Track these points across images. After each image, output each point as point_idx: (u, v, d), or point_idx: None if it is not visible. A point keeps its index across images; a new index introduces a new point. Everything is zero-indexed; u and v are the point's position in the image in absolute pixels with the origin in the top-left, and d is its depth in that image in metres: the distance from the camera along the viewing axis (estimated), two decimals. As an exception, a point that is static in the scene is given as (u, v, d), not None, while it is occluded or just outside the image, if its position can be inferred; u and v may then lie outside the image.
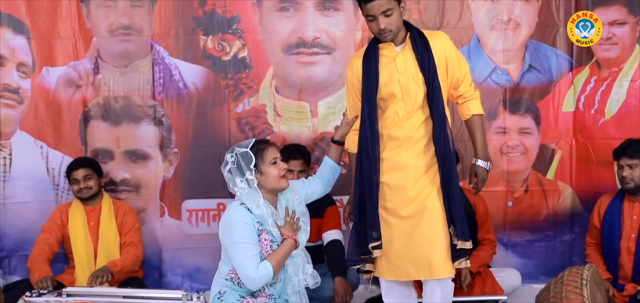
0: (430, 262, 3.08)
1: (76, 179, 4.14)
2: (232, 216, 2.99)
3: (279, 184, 3.05)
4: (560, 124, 4.57)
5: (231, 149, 3.06)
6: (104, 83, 4.47)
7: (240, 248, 2.94)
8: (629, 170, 3.82)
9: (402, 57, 3.16)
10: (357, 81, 3.26)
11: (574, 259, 4.55)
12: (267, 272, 2.93)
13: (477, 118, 3.24)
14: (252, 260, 2.92)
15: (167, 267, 4.55)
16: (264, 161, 3.02)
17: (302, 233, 3.11)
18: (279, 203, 3.12)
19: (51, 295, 3.75)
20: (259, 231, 2.99)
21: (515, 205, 4.60)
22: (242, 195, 3.00)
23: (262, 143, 3.09)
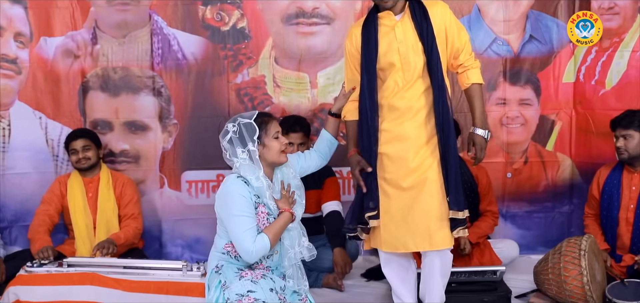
0: (430, 233, 3.10)
1: (75, 150, 4.15)
2: (229, 188, 2.99)
3: (280, 158, 3.06)
4: (560, 95, 4.57)
5: (233, 119, 3.04)
6: (102, 54, 4.46)
7: (237, 221, 2.94)
8: (623, 141, 3.83)
9: (401, 26, 3.15)
10: (356, 52, 3.25)
11: (572, 230, 4.58)
12: (264, 245, 2.94)
13: (476, 86, 3.22)
14: (250, 233, 2.93)
15: (167, 238, 4.57)
16: (268, 134, 3.03)
17: (297, 207, 3.12)
18: (275, 176, 3.12)
19: (52, 265, 3.78)
20: (255, 204, 2.99)
21: (515, 176, 4.62)
22: (242, 167, 2.99)
23: (265, 116, 3.08)
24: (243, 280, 2.95)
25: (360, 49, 3.21)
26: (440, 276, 3.22)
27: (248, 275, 2.99)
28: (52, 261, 3.83)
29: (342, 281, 4.07)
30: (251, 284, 2.94)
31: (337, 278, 4.06)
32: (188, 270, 3.76)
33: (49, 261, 3.82)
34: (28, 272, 3.74)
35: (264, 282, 2.97)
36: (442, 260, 3.20)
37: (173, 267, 3.80)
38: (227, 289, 2.93)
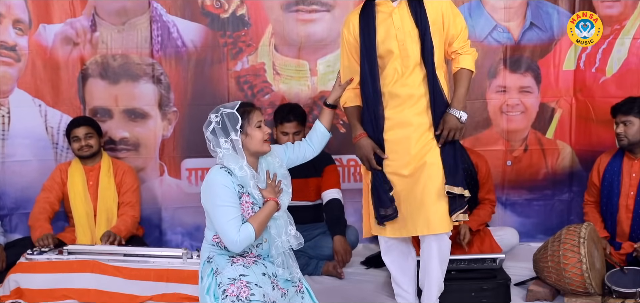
0: (428, 217, 3.11)
1: (77, 137, 4.15)
2: (212, 179, 2.99)
3: (262, 147, 3.04)
4: (560, 83, 4.56)
5: (216, 109, 3.03)
6: (102, 41, 4.45)
7: (221, 211, 2.94)
8: (623, 127, 3.83)
9: (399, 13, 3.15)
10: (353, 40, 3.24)
11: (572, 218, 4.60)
12: (249, 234, 2.94)
13: (464, 71, 3.18)
14: (234, 223, 2.93)
15: (166, 226, 4.59)
16: (250, 123, 3.01)
17: (284, 196, 3.10)
18: (260, 166, 3.11)
19: (52, 252, 3.80)
20: (240, 194, 2.98)
21: (514, 164, 4.63)
22: (225, 157, 2.99)
23: (247, 106, 3.06)
24: (235, 265, 2.97)
25: (358, 37, 3.21)
26: (438, 262, 3.21)
27: (239, 261, 3.01)
28: (53, 248, 3.85)
29: (341, 269, 4.09)
30: (243, 268, 2.95)
31: (336, 265, 4.07)
32: (188, 258, 3.78)
33: (49, 248, 3.83)
34: (28, 259, 3.75)
35: (256, 267, 2.99)
36: (440, 245, 3.19)
37: (173, 255, 3.82)
38: (219, 274, 2.95)
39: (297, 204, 4.01)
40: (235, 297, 2.83)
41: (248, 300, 2.83)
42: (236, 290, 2.85)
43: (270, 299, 2.91)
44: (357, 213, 4.33)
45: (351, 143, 3.35)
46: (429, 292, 3.26)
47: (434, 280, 3.24)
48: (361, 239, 4.38)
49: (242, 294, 2.84)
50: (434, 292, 3.26)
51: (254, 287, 2.87)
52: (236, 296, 2.83)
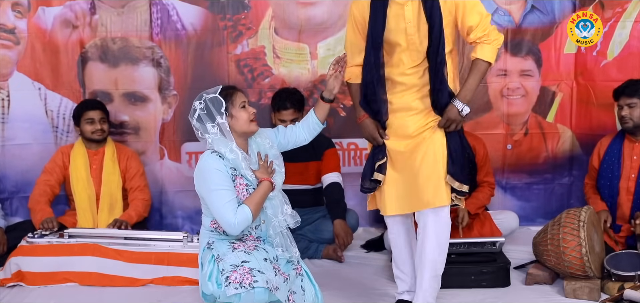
0: (422, 191, 3.08)
1: (92, 119, 4.14)
2: (204, 165, 2.99)
3: (249, 127, 3.03)
4: (561, 66, 4.56)
5: (198, 96, 3.02)
6: (101, 24, 4.44)
7: (216, 195, 2.95)
8: (628, 110, 3.83)
9: (411, 7, 3.09)
10: (361, 19, 3.18)
11: (572, 201, 4.61)
12: (246, 216, 2.95)
13: (480, 62, 3.11)
14: (230, 206, 2.94)
15: (167, 209, 4.60)
16: (234, 105, 3.00)
17: (277, 176, 3.10)
18: (250, 148, 3.11)
19: (53, 236, 3.82)
20: (233, 176, 2.98)
21: (515, 148, 4.63)
22: (214, 142, 2.98)
23: (229, 89, 3.06)
24: (236, 252, 2.97)
25: (367, 20, 3.15)
26: (434, 242, 3.11)
27: (240, 247, 3.01)
28: (54, 232, 3.86)
29: (342, 252, 4.10)
30: (245, 255, 2.95)
31: (337, 249, 4.09)
32: (188, 241, 3.80)
33: (51, 231, 3.85)
34: (29, 242, 3.77)
35: (258, 253, 2.99)
36: (437, 223, 3.10)
37: (174, 238, 3.84)
38: (221, 261, 2.95)
39: (297, 188, 4.02)
40: (238, 284, 2.83)
41: (251, 286, 2.84)
42: (239, 276, 2.85)
43: (273, 285, 2.91)
44: (357, 197, 4.34)
45: (351, 126, 3.35)
46: (420, 278, 3.16)
47: (427, 262, 3.13)
48: (361, 222, 4.40)
49: (245, 281, 2.84)
50: (426, 276, 3.15)
51: (257, 273, 2.87)
52: (239, 283, 2.83)
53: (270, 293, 2.90)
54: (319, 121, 3.26)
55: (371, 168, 3.21)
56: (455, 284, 3.52)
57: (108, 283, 3.66)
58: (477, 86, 3.13)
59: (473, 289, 3.54)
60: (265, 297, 2.90)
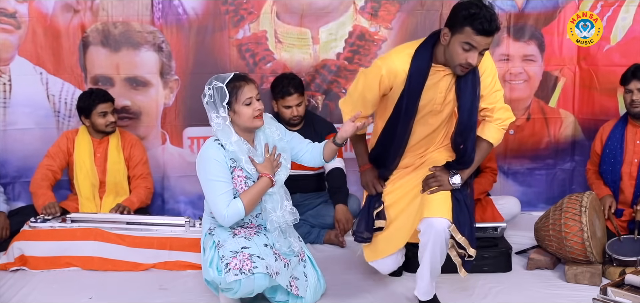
0: (423, 204, 3.04)
1: (105, 113, 4.14)
2: (204, 153, 3.00)
3: (253, 123, 3.01)
4: (564, 52, 4.55)
5: (209, 81, 3.02)
6: (102, 8, 4.43)
7: (211, 185, 2.96)
8: (638, 94, 3.82)
9: (446, 80, 3.01)
10: (388, 83, 3.01)
11: (573, 187, 4.62)
12: (238, 210, 2.95)
13: (485, 144, 3.05)
14: (223, 197, 2.95)
15: (169, 194, 4.61)
16: (238, 101, 2.97)
17: (281, 170, 3.09)
18: (258, 138, 3.10)
19: (56, 220, 3.83)
20: (231, 168, 2.99)
21: (517, 133, 4.63)
22: (217, 130, 2.99)
23: (239, 80, 3.00)
24: (237, 238, 2.99)
25: (397, 87, 2.99)
26: (436, 246, 2.99)
27: (241, 232, 3.02)
28: (57, 216, 3.88)
29: (343, 237, 4.12)
30: (245, 241, 2.97)
31: (338, 234, 4.10)
32: (190, 226, 3.82)
33: (53, 216, 3.86)
34: (32, 227, 3.79)
35: (258, 238, 3.01)
36: (438, 233, 2.97)
37: (176, 223, 3.86)
38: (221, 247, 2.96)
39: (299, 173, 4.03)
40: (238, 270, 2.85)
41: (251, 272, 2.85)
42: (239, 263, 2.86)
43: (273, 270, 2.93)
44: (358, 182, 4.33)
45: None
46: (421, 275, 3.12)
47: (428, 264, 3.05)
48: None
49: (244, 267, 2.86)
50: (426, 275, 3.08)
51: (257, 259, 2.89)
52: (239, 269, 2.85)
53: (271, 278, 2.92)
54: (325, 159, 3.23)
55: (370, 218, 3.20)
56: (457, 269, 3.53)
57: (110, 268, 3.68)
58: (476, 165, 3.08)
59: (474, 274, 3.54)
60: (265, 283, 2.92)
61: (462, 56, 2.83)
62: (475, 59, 2.83)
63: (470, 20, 2.75)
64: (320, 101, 4.53)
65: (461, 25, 2.78)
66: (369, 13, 4.47)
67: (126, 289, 3.48)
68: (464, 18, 2.77)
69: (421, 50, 2.97)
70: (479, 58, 2.85)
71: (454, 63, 2.89)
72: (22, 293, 3.43)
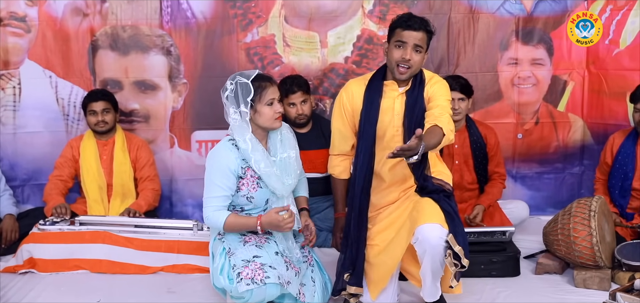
0: (415, 217, 3.03)
1: (94, 111, 4.14)
2: (216, 152, 3.02)
3: (273, 125, 3.03)
4: (573, 55, 4.53)
5: (233, 76, 3.02)
6: (111, 12, 4.45)
7: (211, 186, 2.98)
8: None
9: (401, 100, 3.16)
10: (350, 108, 3.25)
11: (582, 191, 4.60)
12: (218, 224, 2.97)
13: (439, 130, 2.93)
14: (214, 201, 2.97)
15: (177, 198, 4.61)
16: (261, 100, 2.98)
17: (291, 177, 3.10)
18: (271, 141, 3.10)
19: (64, 223, 3.85)
20: (243, 169, 2.99)
21: (525, 137, 4.61)
22: (234, 127, 2.99)
23: (264, 80, 3.03)
24: (248, 246, 2.98)
25: (356, 110, 3.22)
26: (433, 256, 2.98)
27: (252, 240, 3.01)
28: (66, 219, 3.89)
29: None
30: (256, 249, 2.96)
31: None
32: (198, 230, 3.82)
33: (62, 219, 3.87)
34: (41, 229, 3.81)
35: (268, 246, 3.00)
36: (434, 245, 2.96)
37: (184, 226, 3.86)
38: (232, 256, 2.95)
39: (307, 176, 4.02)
40: (250, 280, 2.84)
41: (263, 282, 2.84)
42: (251, 272, 2.85)
43: (284, 280, 2.91)
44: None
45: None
46: (424, 280, 3.10)
47: (429, 271, 3.03)
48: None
49: (256, 277, 2.85)
50: (429, 278, 3.07)
51: (268, 269, 2.88)
52: (251, 279, 2.84)
53: (282, 287, 2.91)
54: None
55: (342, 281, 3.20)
56: (465, 273, 3.48)
57: (119, 271, 3.69)
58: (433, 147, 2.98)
59: (482, 278, 3.54)
60: (276, 292, 2.91)
61: (397, 53, 3.11)
62: (408, 53, 3.08)
63: (397, 22, 3.14)
64: (329, 105, 4.53)
65: (392, 30, 3.15)
66: (377, 17, 4.46)
67: (134, 292, 3.48)
68: (394, 24, 3.16)
69: (375, 74, 3.28)
70: (414, 55, 3.09)
71: (392, 66, 3.13)
72: (30, 296, 3.44)
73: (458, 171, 4.05)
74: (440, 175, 3.22)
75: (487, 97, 4.54)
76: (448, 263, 2.97)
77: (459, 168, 4.07)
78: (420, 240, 2.98)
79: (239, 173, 3.00)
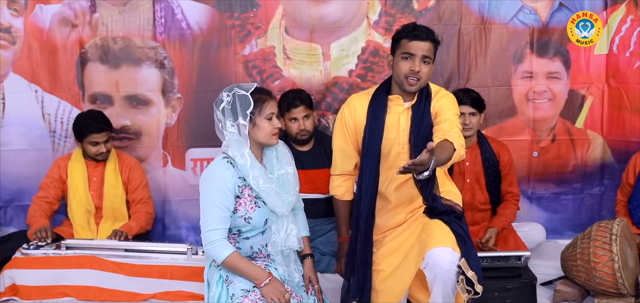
0: (425, 240, 3.03)
1: (96, 142, 4.11)
2: (211, 171, 3.00)
3: (270, 140, 3.03)
4: (591, 68, 4.53)
5: (229, 88, 3.01)
6: (102, 23, 4.45)
7: (208, 207, 2.95)
8: None
9: (406, 115, 3.18)
10: (353, 125, 3.28)
11: (602, 213, 4.58)
12: (217, 255, 2.93)
13: (449, 144, 2.91)
14: (214, 224, 2.93)
15: (170, 220, 4.60)
16: (261, 113, 2.98)
17: (290, 195, 3.09)
18: (267, 158, 3.10)
19: (50, 247, 3.83)
20: (240, 188, 2.98)
21: (541, 155, 4.60)
22: (230, 142, 2.98)
23: (263, 93, 3.03)
24: None
25: (360, 126, 3.25)
26: (444, 283, 2.98)
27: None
28: (50, 242, 3.87)
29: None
30: None
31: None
32: (193, 254, 3.80)
33: (46, 242, 3.86)
34: (24, 254, 3.79)
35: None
36: (445, 271, 2.96)
37: (177, 250, 3.85)
38: (230, 284, 2.94)
39: (308, 197, 4.00)
40: None
41: None
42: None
43: None
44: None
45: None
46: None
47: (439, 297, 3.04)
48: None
49: None
50: None
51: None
52: None
53: (284, 318, 2.90)
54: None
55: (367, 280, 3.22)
56: (478, 301, 3.49)
57: (107, 298, 3.67)
58: (444, 163, 2.97)
59: (497, 307, 3.52)
60: (278, 323, 2.90)
61: (405, 66, 3.13)
62: (417, 64, 3.11)
63: (402, 33, 3.16)
64: (331, 121, 4.52)
65: (397, 42, 3.17)
66: (384, 28, 4.47)
67: (124, 321, 3.47)
68: (398, 35, 3.17)
69: (378, 88, 3.30)
70: (423, 66, 3.12)
71: (400, 79, 3.15)
72: (13, 325, 3.43)
73: (469, 190, 4.05)
74: (450, 195, 3.23)
75: (500, 113, 4.54)
76: (460, 290, 2.95)
77: (470, 186, 4.06)
78: (430, 264, 2.97)
79: (236, 192, 2.99)
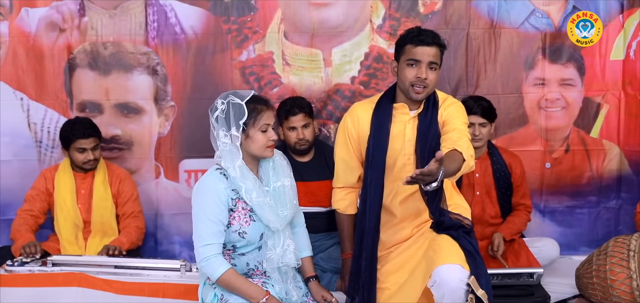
0: (432, 256, 3.02)
1: (83, 149, 4.11)
2: (204, 183, 2.99)
3: (264, 153, 3.01)
4: (607, 75, 4.52)
5: (225, 95, 3.01)
6: (91, 27, 4.45)
7: (201, 221, 2.94)
8: None
9: (412, 124, 3.19)
10: (356, 135, 3.31)
11: (620, 228, 4.57)
12: (212, 272, 2.92)
13: (458, 154, 2.92)
14: (208, 239, 2.92)
15: (163, 235, 4.59)
16: (255, 124, 2.97)
17: (288, 208, 3.08)
18: (263, 169, 3.08)
19: (36, 264, 3.82)
20: (234, 201, 2.97)
21: (554, 167, 4.59)
22: (223, 153, 2.97)
23: (260, 103, 3.01)
24: None
25: (363, 135, 3.28)
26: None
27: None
28: (36, 259, 3.85)
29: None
30: None
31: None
32: (187, 270, 3.79)
33: (33, 258, 3.83)
34: (8, 271, 3.79)
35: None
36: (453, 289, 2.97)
37: (170, 267, 3.85)
38: None
39: (309, 210, 3.97)
40: None
41: None
42: None
43: None
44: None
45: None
46: None
47: None
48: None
49: None
50: None
51: None
52: None
53: (282, 339, 2.90)
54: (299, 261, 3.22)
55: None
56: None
57: (95, 318, 3.63)
58: (452, 174, 2.97)
59: (508, 327, 3.50)
60: (275, 344, 2.90)
61: (410, 73, 3.15)
62: (423, 71, 3.12)
63: (406, 38, 3.17)
64: (333, 131, 4.50)
65: (401, 47, 3.19)
66: (388, 32, 4.45)
67: (113, 342, 3.43)
68: (402, 40, 3.19)
69: (383, 96, 3.32)
70: (429, 73, 3.14)
71: (406, 86, 3.17)
72: (-5, 347, 3.38)
73: (479, 203, 4.04)
74: (458, 209, 3.23)
75: (510, 121, 4.53)
76: None
77: (480, 199, 4.05)
78: (438, 282, 2.96)
79: (230, 205, 2.97)
